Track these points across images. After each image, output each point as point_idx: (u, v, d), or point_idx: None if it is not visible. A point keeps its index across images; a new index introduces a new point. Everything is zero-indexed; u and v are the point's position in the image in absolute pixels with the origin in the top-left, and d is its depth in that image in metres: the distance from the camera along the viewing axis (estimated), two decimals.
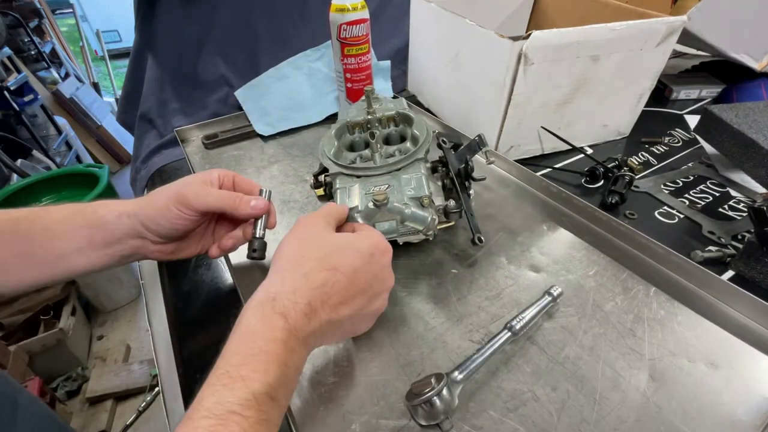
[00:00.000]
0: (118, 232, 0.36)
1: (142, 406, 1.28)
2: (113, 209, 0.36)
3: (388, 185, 0.42)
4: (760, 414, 0.32)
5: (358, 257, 0.31)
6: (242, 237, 0.40)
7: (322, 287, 0.29)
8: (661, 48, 0.60)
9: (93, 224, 0.35)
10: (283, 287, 0.29)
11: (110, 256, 0.36)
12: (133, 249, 0.37)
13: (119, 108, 0.92)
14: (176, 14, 0.80)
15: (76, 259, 0.35)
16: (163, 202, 0.36)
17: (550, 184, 0.55)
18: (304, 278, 0.29)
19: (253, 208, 0.38)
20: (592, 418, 0.32)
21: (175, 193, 0.36)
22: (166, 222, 0.36)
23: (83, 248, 0.35)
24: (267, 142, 0.73)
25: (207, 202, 0.36)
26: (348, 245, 0.32)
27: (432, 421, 0.32)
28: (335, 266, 0.30)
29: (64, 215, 0.36)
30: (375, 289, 0.32)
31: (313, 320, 0.28)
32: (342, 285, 0.30)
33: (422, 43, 0.78)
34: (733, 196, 0.58)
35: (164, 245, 0.39)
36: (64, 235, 0.35)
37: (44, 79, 2.26)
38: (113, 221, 0.36)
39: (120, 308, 1.64)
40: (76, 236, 0.35)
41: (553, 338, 0.38)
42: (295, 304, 0.28)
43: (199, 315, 0.44)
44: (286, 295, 0.28)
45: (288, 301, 0.28)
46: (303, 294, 0.28)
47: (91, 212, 0.36)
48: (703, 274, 0.42)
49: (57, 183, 1.55)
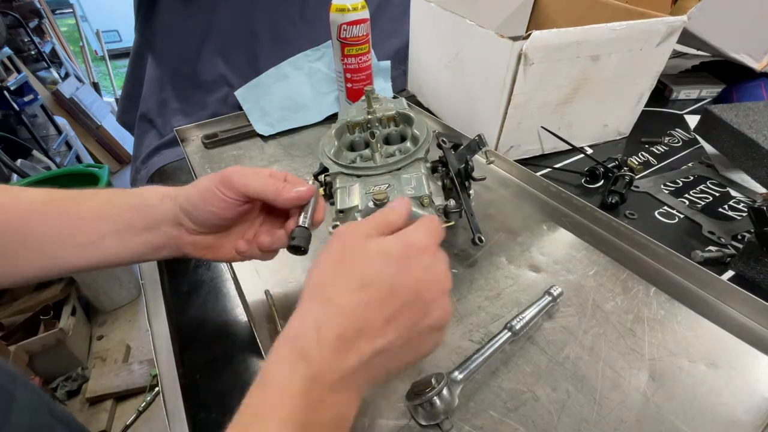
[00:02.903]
0: (158, 214, 0.34)
1: (142, 406, 1.28)
2: (157, 192, 0.35)
3: (388, 185, 0.42)
4: (760, 414, 0.32)
5: (389, 265, 0.25)
6: (284, 236, 0.35)
7: (353, 312, 0.24)
8: (661, 48, 0.60)
9: (135, 206, 0.34)
10: (305, 322, 0.24)
11: (143, 244, 0.34)
12: (168, 238, 0.34)
13: (119, 108, 0.92)
14: (176, 14, 0.80)
15: (112, 242, 0.33)
16: (205, 184, 0.33)
17: (550, 184, 0.55)
18: (330, 306, 0.24)
19: (297, 193, 0.34)
20: (592, 418, 0.32)
21: (220, 175, 0.33)
22: (205, 204, 0.33)
23: (121, 231, 0.33)
24: (267, 142, 0.73)
25: (250, 184, 0.32)
26: (378, 252, 0.26)
27: (432, 421, 0.32)
28: (365, 282, 0.25)
29: (109, 196, 0.34)
30: (425, 296, 0.26)
31: (350, 356, 0.23)
32: (378, 303, 0.24)
33: (422, 43, 0.78)
34: (733, 196, 0.58)
35: (200, 237, 0.35)
36: (106, 215, 0.33)
37: (44, 79, 2.25)
38: (156, 203, 0.34)
39: (120, 308, 1.64)
40: (118, 218, 0.33)
41: (553, 338, 0.38)
42: (319, 341, 0.23)
43: (199, 315, 0.44)
44: (308, 332, 0.24)
45: (309, 339, 0.23)
46: (330, 327, 0.24)
47: (136, 194, 0.34)
48: (703, 274, 0.42)
49: (57, 183, 1.55)
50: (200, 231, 0.35)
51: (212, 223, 0.34)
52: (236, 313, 0.44)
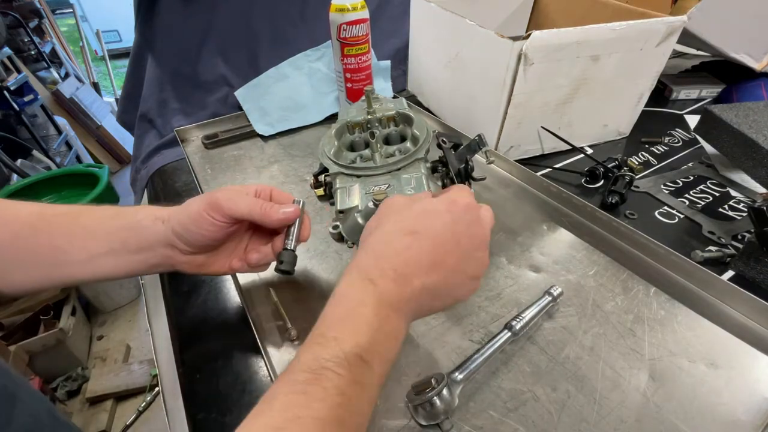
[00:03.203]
0: (151, 237, 0.35)
1: (142, 406, 1.28)
2: (150, 213, 0.36)
3: (388, 185, 0.42)
4: (760, 414, 0.32)
5: (436, 217, 0.30)
6: (271, 252, 0.38)
7: (406, 252, 0.28)
8: (661, 48, 0.60)
9: (129, 226, 0.35)
10: (367, 257, 0.29)
11: (139, 262, 0.36)
12: (162, 258, 0.36)
13: (119, 108, 0.92)
14: (176, 14, 0.80)
15: (106, 261, 0.34)
16: (195, 208, 0.35)
17: (550, 184, 0.55)
18: (386, 245, 0.29)
19: (283, 214, 0.36)
20: (592, 418, 0.32)
21: (207, 199, 0.35)
22: (197, 228, 0.35)
23: (116, 251, 0.34)
24: (267, 142, 0.73)
25: (238, 207, 0.35)
26: (424, 207, 0.31)
27: (432, 421, 0.32)
28: (415, 230, 0.29)
29: (105, 215, 0.35)
30: (465, 247, 0.30)
31: (405, 287, 0.27)
32: (427, 248, 0.28)
33: (422, 43, 0.78)
34: (733, 196, 0.58)
35: (193, 256, 0.37)
36: (100, 235, 0.34)
37: (44, 79, 2.25)
38: (149, 225, 0.35)
39: (120, 308, 1.64)
40: (112, 237, 0.34)
41: (553, 338, 0.38)
42: (381, 270, 0.27)
43: (199, 315, 0.44)
44: (371, 263, 0.28)
45: (373, 268, 0.27)
46: (387, 261, 0.28)
47: (130, 214, 0.36)
48: (703, 274, 0.42)
49: (57, 183, 1.55)
50: (193, 251, 0.37)
51: (203, 244, 0.36)
52: (236, 312, 0.44)
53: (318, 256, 0.49)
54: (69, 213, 0.35)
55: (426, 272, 0.28)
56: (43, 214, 0.34)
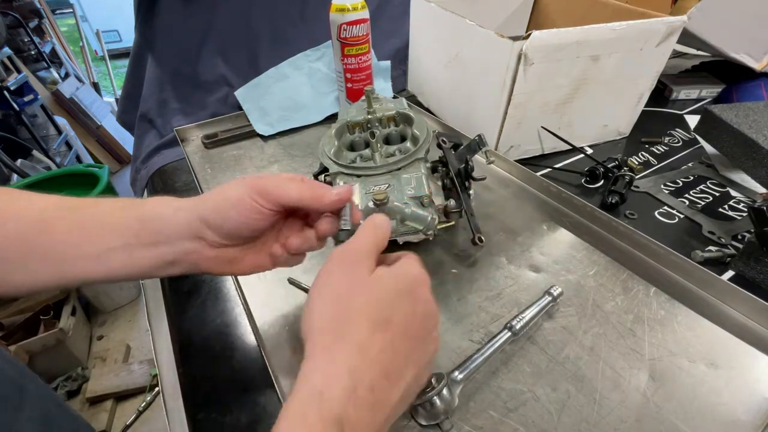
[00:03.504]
0: (171, 228, 0.31)
1: (142, 406, 1.28)
2: (170, 203, 0.32)
3: (389, 185, 0.42)
4: (760, 414, 0.32)
5: (404, 299, 0.25)
6: (314, 237, 0.34)
7: (381, 354, 0.22)
8: (661, 48, 0.60)
9: (144, 217, 0.31)
10: (332, 371, 0.21)
11: (154, 258, 0.31)
12: (183, 253, 0.31)
13: (119, 108, 0.92)
14: (176, 14, 0.80)
15: (118, 257, 0.30)
16: (236, 194, 0.30)
17: (550, 184, 0.55)
18: (359, 350, 0.22)
19: (337, 195, 0.32)
20: (592, 418, 0.32)
21: (251, 184, 0.31)
22: (239, 215, 0.30)
23: (129, 245, 0.30)
24: (267, 141, 0.73)
25: (288, 193, 0.31)
26: (390, 288, 0.25)
27: (432, 421, 0.32)
28: (387, 319, 0.23)
29: (116, 206, 0.31)
30: (428, 329, 0.26)
31: (380, 410, 0.21)
32: (400, 341, 0.23)
33: (422, 43, 0.78)
34: (733, 196, 0.58)
35: (224, 249, 0.32)
36: (111, 226, 0.30)
37: (44, 79, 2.25)
38: (169, 215, 0.31)
39: (120, 308, 1.64)
40: (125, 229, 0.30)
41: (553, 338, 0.38)
42: (354, 398, 0.20)
43: (199, 315, 0.44)
44: (340, 383, 0.20)
45: (344, 395, 0.20)
46: (363, 375, 0.21)
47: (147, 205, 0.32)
48: (703, 274, 0.42)
49: (57, 183, 1.55)
50: (225, 243, 0.32)
51: (242, 235, 0.32)
52: (236, 312, 0.44)
53: (318, 255, 0.49)
54: (81, 206, 0.31)
55: (401, 374, 0.23)
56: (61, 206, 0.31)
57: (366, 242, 0.28)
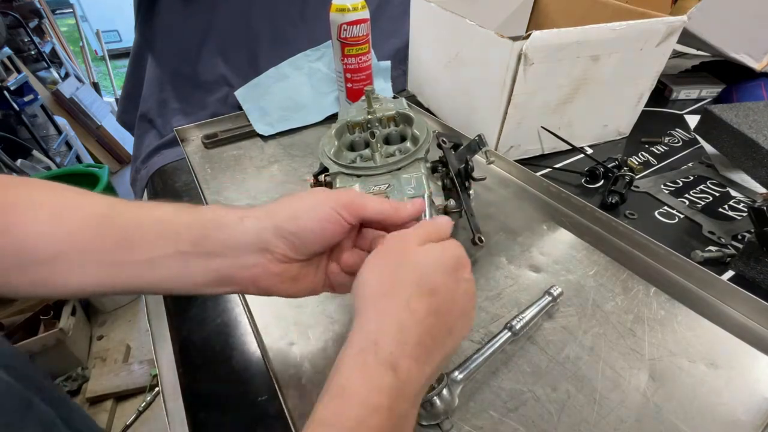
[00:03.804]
0: (234, 238, 0.28)
1: (142, 406, 1.28)
2: (233, 211, 0.29)
3: (389, 185, 0.42)
4: (760, 414, 0.32)
5: (448, 274, 0.26)
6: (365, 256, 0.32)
7: (427, 318, 0.23)
8: (661, 48, 0.60)
9: (207, 224, 0.28)
10: (384, 325, 0.23)
11: (209, 272, 0.28)
12: (243, 268, 0.28)
13: (119, 108, 0.92)
14: (176, 14, 0.80)
15: (171, 264, 0.27)
16: (315, 202, 0.28)
17: (550, 184, 0.55)
18: (407, 310, 0.23)
19: (413, 206, 0.31)
20: (592, 418, 0.32)
21: (334, 196, 0.29)
22: (318, 225, 0.28)
23: (186, 253, 0.27)
24: (267, 141, 0.73)
25: (366, 207, 0.29)
26: (437, 261, 0.26)
27: (432, 421, 0.32)
28: (434, 288, 0.24)
29: (174, 210, 0.29)
30: (468, 308, 0.27)
31: (426, 366, 0.23)
32: (444, 312, 0.24)
33: (422, 43, 0.78)
34: (733, 196, 0.58)
35: (289, 265, 0.29)
36: (168, 230, 0.28)
37: (44, 79, 2.25)
38: (233, 223, 0.28)
39: (120, 308, 1.64)
40: (184, 237, 0.27)
41: (553, 338, 0.38)
42: (403, 346, 0.22)
43: (199, 315, 0.44)
44: (392, 335, 0.22)
45: (395, 344, 0.22)
46: (412, 331, 0.22)
47: (207, 212, 0.29)
48: (703, 274, 0.42)
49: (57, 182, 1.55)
50: (292, 258, 0.29)
51: (314, 248, 0.29)
52: (236, 312, 0.44)
53: None
54: (142, 206, 0.29)
55: (444, 341, 0.24)
56: (111, 206, 0.28)
57: (419, 227, 0.29)
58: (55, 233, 0.26)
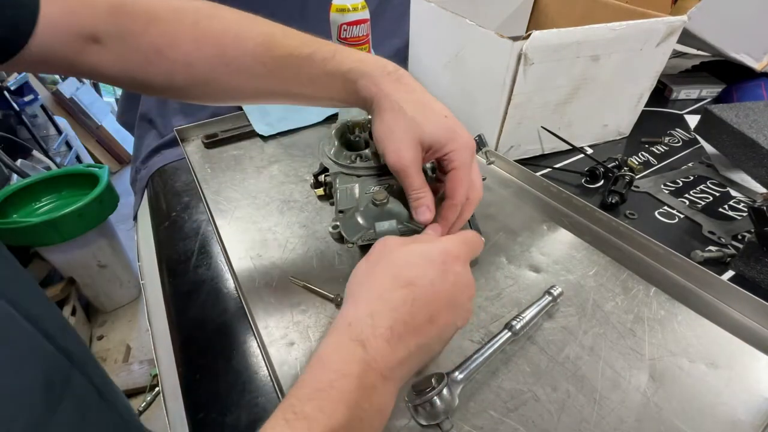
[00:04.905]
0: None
1: (142, 406, 1.28)
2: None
3: (389, 185, 0.42)
4: (760, 414, 0.32)
5: (431, 267, 0.28)
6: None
7: (402, 307, 0.26)
8: (661, 48, 0.60)
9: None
10: (358, 311, 0.26)
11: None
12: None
13: (119, 108, 0.92)
14: None
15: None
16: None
17: (550, 184, 0.55)
18: (380, 299, 0.26)
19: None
20: (592, 418, 0.32)
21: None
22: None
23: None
24: (267, 141, 0.73)
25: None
26: (419, 255, 0.29)
27: (432, 421, 0.32)
28: (411, 281, 0.27)
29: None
30: (458, 299, 0.29)
31: (399, 348, 0.25)
32: (424, 301, 0.27)
33: (422, 43, 0.78)
34: (733, 196, 0.58)
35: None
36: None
37: (44, 79, 2.26)
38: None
39: (120, 308, 1.64)
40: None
41: (553, 338, 0.38)
42: (373, 329, 0.25)
43: (199, 315, 0.44)
44: (363, 319, 0.25)
45: (365, 326, 0.25)
46: (382, 317, 0.25)
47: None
48: (703, 274, 0.42)
49: (57, 183, 1.55)
50: None
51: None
52: (236, 312, 0.44)
53: (318, 255, 0.49)
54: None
55: (422, 329, 0.27)
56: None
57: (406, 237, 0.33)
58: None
